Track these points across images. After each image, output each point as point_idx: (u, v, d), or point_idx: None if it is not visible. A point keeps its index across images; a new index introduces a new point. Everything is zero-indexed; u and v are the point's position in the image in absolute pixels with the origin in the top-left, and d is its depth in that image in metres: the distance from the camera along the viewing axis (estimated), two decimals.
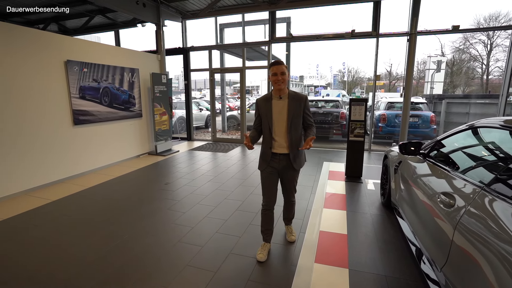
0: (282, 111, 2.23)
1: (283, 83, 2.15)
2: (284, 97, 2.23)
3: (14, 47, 3.88)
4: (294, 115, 2.21)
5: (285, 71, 2.16)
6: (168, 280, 2.12)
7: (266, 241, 2.47)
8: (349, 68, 39.89)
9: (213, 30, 8.04)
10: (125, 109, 5.83)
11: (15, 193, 3.94)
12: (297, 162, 2.33)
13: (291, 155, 2.27)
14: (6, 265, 2.33)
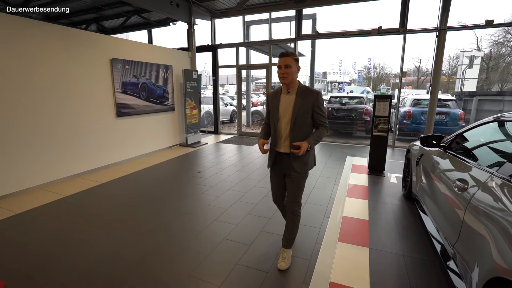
0: (288, 107, 2.06)
1: (287, 77, 1.98)
2: (293, 91, 2.06)
3: (68, 47, 4.40)
4: (300, 112, 2.02)
5: (290, 64, 1.96)
6: (208, 250, 2.47)
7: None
8: (375, 64, 38.72)
9: (240, 27, 8.35)
10: (160, 103, 6.30)
11: (69, 175, 4.50)
12: (300, 165, 2.09)
13: (292, 156, 2.08)
14: (69, 231, 2.80)
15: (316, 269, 2.19)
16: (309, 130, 2.10)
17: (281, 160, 2.16)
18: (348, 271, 2.16)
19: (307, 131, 2.09)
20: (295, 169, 2.09)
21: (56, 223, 2.98)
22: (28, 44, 3.85)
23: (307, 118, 2.06)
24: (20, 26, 3.78)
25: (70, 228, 2.88)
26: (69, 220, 3.06)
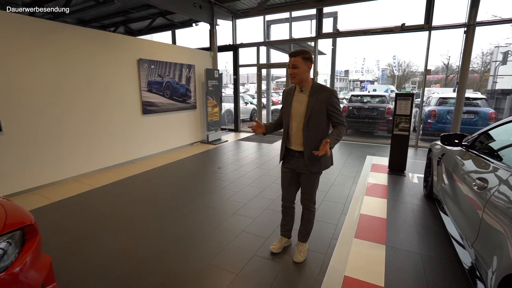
0: (301, 105, 2.05)
1: (296, 77, 1.99)
2: (306, 90, 2.05)
3: (99, 49, 4.70)
4: (314, 111, 1.99)
5: (297, 64, 1.95)
6: (227, 241, 2.59)
7: (283, 235, 2.45)
8: (400, 61, 37.27)
9: (261, 27, 8.43)
10: (183, 101, 6.54)
11: (100, 168, 4.82)
12: (314, 164, 2.07)
13: (305, 155, 2.06)
14: (108, 216, 3.03)
15: (331, 263, 2.24)
16: (323, 129, 2.05)
17: (293, 157, 2.15)
18: (363, 266, 2.20)
19: (321, 130, 2.04)
20: (308, 168, 2.08)
21: (89, 211, 3.24)
22: (66, 47, 4.17)
23: (321, 117, 2.01)
24: (58, 30, 4.09)
25: (100, 216, 3.12)
26: (100, 208, 3.31)
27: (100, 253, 2.41)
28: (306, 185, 2.18)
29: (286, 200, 2.34)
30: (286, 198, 2.33)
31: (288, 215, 2.40)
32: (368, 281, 2.01)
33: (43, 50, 3.92)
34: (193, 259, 2.31)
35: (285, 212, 2.40)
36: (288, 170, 2.22)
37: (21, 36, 3.69)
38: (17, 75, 3.67)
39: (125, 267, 2.22)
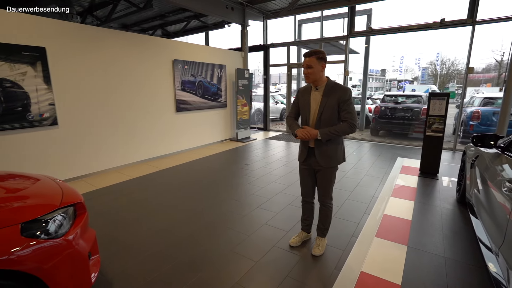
0: (315, 103, 2.15)
1: (310, 76, 2.08)
2: (321, 88, 2.13)
3: (139, 51, 5.10)
4: (326, 108, 2.08)
5: (311, 64, 2.04)
6: (250, 232, 2.73)
7: (303, 230, 2.54)
8: (444, 59, 34.67)
9: (291, 27, 8.47)
10: (214, 100, 6.82)
11: (136, 161, 5.23)
12: (325, 159, 2.16)
13: (316, 151, 2.16)
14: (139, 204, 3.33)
15: (349, 258, 2.29)
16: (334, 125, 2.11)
17: (310, 154, 2.24)
18: (381, 263, 2.21)
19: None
20: (320, 164, 2.17)
21: (127, 197, 3.57)
22: (111, 50, 4.61)
23: (333, 113, 2.08)
24: (104, 35, 4.53)
25: (137, 203, 3.43)
26: (137, 196, 3.63)
27: (136, 234, 2.69)
28: (322, 181, 2.26)
29: (306, 196, 2.43)
30: (305, 194, 2.42)
31: (308, 210, 2.49)
32: (384, 278, 2.03)
33: (93, 53, 4.37)
34: (218, 244, 2.49)
35: (305, 207, 2.49)
36: (305, 167, 2.31)
37: (75, 41, 4.16)
38: (70, 76, 4.14)
39: (157, 247, 2.46)
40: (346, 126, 2.06)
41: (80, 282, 1.60)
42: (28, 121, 3.79)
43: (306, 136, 2.07)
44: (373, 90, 37.31)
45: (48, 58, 3.88)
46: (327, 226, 2.40)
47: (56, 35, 3.97)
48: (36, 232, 1.42)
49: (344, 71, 7.31)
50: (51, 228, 1.49)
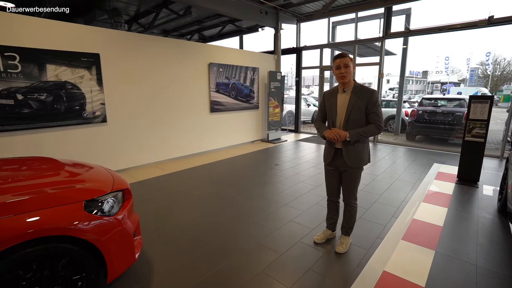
0: (343, 105, 2.19)
1: (347, 76, 2.12)
2: (348, 90, 2.18)
3: (178, 55, 5.48)
4: (354, 110, 2.13)
5: (349, 64, 2.10)
6: (276, 227, 2.86)
7: (327, 228, 2.60)
8: (498, 59, 31.47)
9: (325, 29, 8.44)
10: (246, 101, 7.05)
11: (172, 158, 5.62)
12: (352, 160, 2.21)
13: (344, 151, 2.20)
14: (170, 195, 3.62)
15: (372, 258, 2.32)
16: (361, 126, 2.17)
17: (336, 155, 2.28)
18: (405, 265, 2.21)
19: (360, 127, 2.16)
20: (347, 164, 2.21)
21: (164, 190, 3.89)
22: (154, 55, 5.03)
23: (361, 116, 2.14)
24: (149, 41, 4.96)
25: (174, 195, 3.73)
26: (173, 189, 3.94)
27: (172, 222, 2.95)
28: (347, 181, 2.31)
29: (331, 195, 2.49)
30: (330, 194, 2.49)
31: (333, 209, 2.55)
32: (407, 279, 2.04)
33: (137, 57, 4.82)
34: (246, 236, 2.66)
35: (331, 206, 2.56)
36: (331, 168, 2.37)
37: (122, 47, 4.62)
38: (118, 78, 4.61)
39: (190, 234, 2.69)
40: (374, 127, 2.12)
41: (126, 256, 1.86)
42: (83, 118, 4.29)
43: (336, 137, 2.13)
44: (413, 93, 35.30)
45: (101, 62, 4.36)
46: (352, 225, 2.45)
47: (108, 42, 4.45)
48: (94, 209, 1.69)
49: (379, 73, 7.14)
50: (105, 208, 1.76)
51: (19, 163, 2.23)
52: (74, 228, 1.55)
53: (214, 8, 6.08)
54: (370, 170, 4.85)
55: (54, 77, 3.94)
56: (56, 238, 1.52)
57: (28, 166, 2.17)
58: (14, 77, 3.60)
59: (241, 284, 2.02)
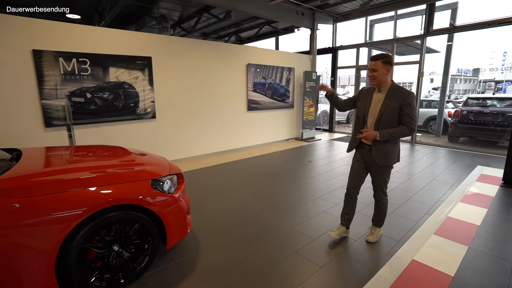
0: (378, 104, 2.24)
1: (375, 79, 2.20)
2: (384, 90, 2.24)
3: (218, 57, 5.88)
4: (387, 110, 2.17)
5: (376, 68, 2.17)
6: (310, 216, 3.06)
7: (342, 224, 2.57)
8: None
9: (362, 27, 8.35)
10: (282, 100, 7.28)
11: (211, 152, 6.04)
12: (381, 158, 2.26)
13: (373, 149, 2.26)
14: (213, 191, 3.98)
15: (402, 248, 2.42)
16: (393, 127, 2.21)
17: (364, 150, 2.35)
18: (435, 256, 2.29)
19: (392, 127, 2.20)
20: (376, 162, 2.27)
21: (204, 182, 4.27)
22: (196, 57, 5.48)
23: (394, 116, 2.18)
24: (192, 44, 5.41)
25: (214, 185, 4.09)
26: (213, 181, 4.30)
27: (214, 208, 3.29)
28: (376, 178, 2.38)
29: (351, 190, 2.49)
30: (351, 188, 2.49)
31: (350, 205, 2.53)
32: (436, 268, 2.13)
33: (182, 59, 5.29)
34: (280, 222, 2.90)
35: (348, 202, 2.54)
36: (360, 161, 2.42)
37: (169, 51, 5.11)
38: (165, 79, 5.11)
39: (230, 220, 3.00)
40: (405, 129, 2.15)
41: (181, 230, 2.20)
42: (137, 114, 4.84)
43: (367, 137, 2.20)
44: (460, 93, 32.77)
45: (153, 64, 4.88)
46: (382, 218, 2.52)
47: (159, 47, 4.96)
48: (157, 187, 2.05)
49: (419, 72, 6.93)
50: (165, 187, 2.11)
51: (99, 149, 2.71)
52: (143, 199, 1.91)
53: (252, 11, 6.39)
54: (406, 169, 4.81)
55: (114, 78, 4.52)
56: (130, 207, 1.89)
57: (106, 151, 2.63)
58: (85, 79, 4.22)
59: (277, 260, 2.26)
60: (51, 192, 1.66)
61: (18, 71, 3.75)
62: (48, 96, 3.97)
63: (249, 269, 2.19)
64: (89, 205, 1.71)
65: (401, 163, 5.21)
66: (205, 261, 2.29)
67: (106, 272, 1.88)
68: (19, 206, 1.54)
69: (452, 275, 2.06)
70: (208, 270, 2.17)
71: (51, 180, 1.78)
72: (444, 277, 2.03)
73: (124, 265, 1.93)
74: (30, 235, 1.56)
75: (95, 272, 1.83)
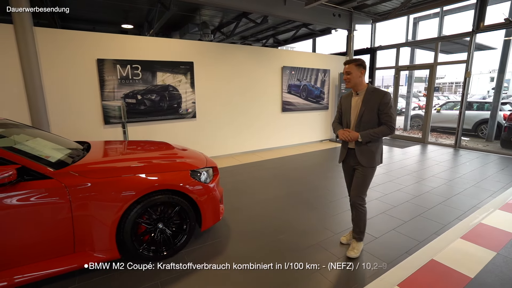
0: (357, 107, 2.28)
1: (349, 82, 2.26)
2: (361, 93, 2.28)
3: (255, 60, 6.18)
4: (366, 111, 2.21)
5: (350, 71, 2.22)
6: (335, 213, 3.19)
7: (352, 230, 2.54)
8: None
9: (403, 26, 8.06)
10: (316, 102, 7.37)
11: (245, 151, 6.37)
12: (365, 158, 2.26)
13: (357, 150, 2.27)
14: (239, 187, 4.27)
15: (424, 248, 2.47)
16: (373, 127, 2.23)
17: (350, 155, 2.37)
18: (457, 258, 2.30)
19: (373, 128, 2.23)
20: (360, 163, 2.27)
21: (238, 177, 4.60)
22: (235, 61, 5.85)
23: (372, 116, 2.21)
24: (230, 49, 5.80)
25: (245, 180, 4.40)
26: (246, 176, 4.61)
27: (244, 201, 3.58)
28: (357, 179, 2.34)
29: None
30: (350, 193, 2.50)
31: None
32: (455, 268, 2.15)
33: (220, 64, 5.69)
34: (306, 216, 3.10)
35: None
36: (347, 169, 2.45)
37: (209, 56, 5.54)
38: (205, 82, 5.55)
39: (259, 211, 3.26)
40: (385, 128, 2.19)
41: (214, 215, 2.52)
42: (179, 114, 5.34)
43: (347, 138, 2.23)
44: None
45: (194, 69, 5.35)
46: (362, 229, 2.41)
47: (200, 52, 5.42)
48: (195, 177, 2.39)
49: (465, 72, 6.53)
50: (202, 178, 2.44)
51: (148, 144, 3.18)
52: (183, 186, 2.26)
53: (287, 15, 6.58)
54: (444, 174, 4.64)
55: (161, 81, 5.06)
56: (172, 192, 2.25)
57: (153, 146, 3.07)
58: (137, 82, 4.81)
59: (300, 248, 2.47)
60: (113, 176, 2.07)
61: (85, 77, 4.43)
62: (107, 98, 4.61)
63: (274, 251, 2.44)
64: (140, 188, 2.09)
65: (438, 168, 5.02)
66: (233, 244, 2.58)
67: (152, 245, 2.26)
68: (91, 185, 1.97)
69: (472, 276, 2.08)
70: (236, 252, 2.46)
71: (112, 167, 2.21)
72: (462, 277, 2.07)
73: (166, 241, 2.30)
74: (98, 208, 1.98)
75: (144, 244, 2.22)
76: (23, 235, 1.82)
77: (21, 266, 1.84)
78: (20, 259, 1.84)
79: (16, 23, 3.80)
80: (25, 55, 3.89)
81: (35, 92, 4.03)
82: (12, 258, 1.82)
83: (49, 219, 1.87)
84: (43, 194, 1.84)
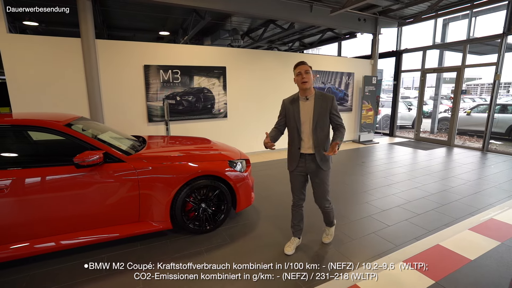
0: (308, 112, 2.27)
1: (308, 82, 2.21)
2: (311, 97, 2.28)
3: (280, 64, 6.60)
4: (320, 116, 2.24)
5: (309, 70, 2.22)
6: (352, 204, 3.52)
7: (294, 236, 2.56)
8: None
9: (430, 28, 8.07)
10: (340, 104, 7.63)
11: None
12: (324, 163, 2.32)
13: (317, 156, 2.28)
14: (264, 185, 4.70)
15: (431, 235, 2.75)
16: (327, 131, 2.33)
17: (305, 161, 2.33)
18: (461, 245, 2.56)
19: (327, 131, 2.32)
20: (321, 167, 2.31)
21: (264, 172, 5.04)
22: (263, 65, 6.31)
23: (326, 119, 2.28)
24: (259, 54, 6.27)
25: (271, 175, 4.82)
26: (271, 171, 5.05)
27: (270, 192, 4.01)
28: (320, 184, 2.38)
29: (299, 201, 2.49)
30: (299, 199, 2.49)
31: (300, 215, 2.54)
32: (457, 252, 2.43)
33: (250, 68, 6.19)
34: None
35: (298, 213, 2.53)
36: (301, 174, 2.41)
37: (239, 60, 6.05)
38: (236, 85, 6.07)
39: (283, 200, 3.67)
40: (343, 129, 2.31)
41: (247, 200, 2.98)
42: (212, 114, 5.90)
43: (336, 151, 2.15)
44: None
45: (226, 73, 5.88)
46: (332, 218, 2.61)
47: (231, 58, 5.95)
48: (232, 166, 2.86)
49: (495, 74, 6.49)
50: (237, 167, 2.91)
51: (191, 139, 3.74)
52: (223, 173, 2.74)
53: (313, 22, 6.93)
54: (466, 175, 4.76)
55: (197, 84, 5.64)
56: (213, 178, 2.74)
57: (196, 140, 3.63)
58: (176, 85, 5.42)
59: (315, 235, 2.85)
60: (167, 162, 2.60)
61: (134, 80, 5.11)
62: (151, 99, 5.26)
63: None
64: (189, 172, 2.60)
65: (460, 169, 5.13)
66: (262, 226, 3.03)
67: (196, 221, 2.77)
68: (151, 169, 2.51)
69: (471, 259, 2.35)
70: (263, 232, 2.90)
71: (167, 156, 2.75)
72: (461, 259, 2.35)
73: (208, 218, 2.79)
74: (157, 188, 2.51)
75: (190, 220, 2.73)
76: (107, 203, 2.40)
77: (105, 227, 2.42)
78: (104, 223, 2.42)
79: (82, 36, 4.54)
80: (88, 62, 4.63)
81: (94, 92, 4.75)
82: (98, 221, 2.40)
83: (124, 193, 2.43)
84: (120, 173, 2.40)
